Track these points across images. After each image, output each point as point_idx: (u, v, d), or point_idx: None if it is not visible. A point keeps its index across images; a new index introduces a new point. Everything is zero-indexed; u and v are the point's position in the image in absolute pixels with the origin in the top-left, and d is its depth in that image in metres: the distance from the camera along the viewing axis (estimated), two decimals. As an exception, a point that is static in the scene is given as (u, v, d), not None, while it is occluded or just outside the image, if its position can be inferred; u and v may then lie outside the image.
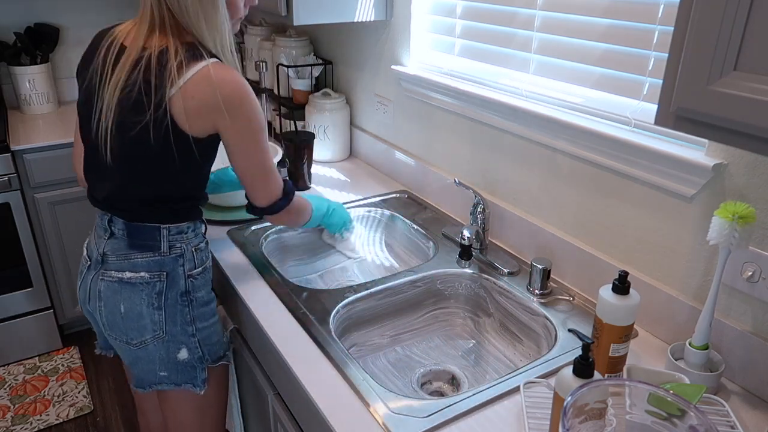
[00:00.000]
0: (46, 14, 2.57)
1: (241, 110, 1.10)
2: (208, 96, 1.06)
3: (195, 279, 1.21)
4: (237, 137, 1.13)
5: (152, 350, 1.20)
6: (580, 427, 0.78)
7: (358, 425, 0.93)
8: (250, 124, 1.12)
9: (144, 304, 1.17)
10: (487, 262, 1.40)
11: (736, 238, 0.91)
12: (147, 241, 1.17)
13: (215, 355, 1.28)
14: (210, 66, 1.07)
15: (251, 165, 1.17)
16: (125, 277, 1.17)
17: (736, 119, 0.61)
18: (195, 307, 1.22)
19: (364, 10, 1.71)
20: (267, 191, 1.22)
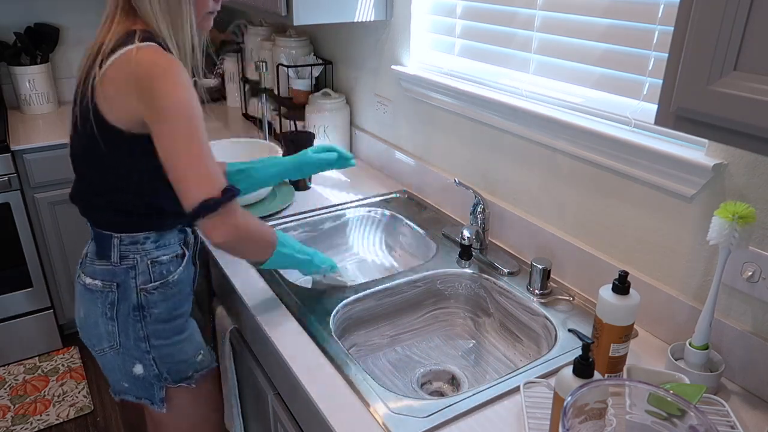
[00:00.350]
0: (46, 14, 2.57)
1: (153, 92, 0.97)
2: (123, 77, 0.98)
3: (150, 294, 1.15)
4: (153, 126, 0.99)
5: (111, 359, 1.18)
6: (580, 427, 0.78)
7: (358, 425, 0.93)
8: (168, 106, 0.97)
9: (99, 313, 1.15)
10: (487, 262, 1.40)
11: (736, 238, 0.91)
12: (103, 249, 1.14)
13: (178, 375, 1.22)
14: (136, 47, 0.99)
15: (171, 158, 0.99)
16: (86, 282, 1.16)
17: (736, 119, 0.61)
18: (149, 324, 1.16)
19: (364, 10, 1.71)
20: (194, 187, 0.98)
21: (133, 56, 0.98)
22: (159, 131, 0.99)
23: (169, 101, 0.97)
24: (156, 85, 0.97)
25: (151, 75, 0.97)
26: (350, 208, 1.69)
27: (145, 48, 0.99)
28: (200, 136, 0.99)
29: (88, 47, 1.11)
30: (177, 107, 0.97)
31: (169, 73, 0.98)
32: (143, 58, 0.98)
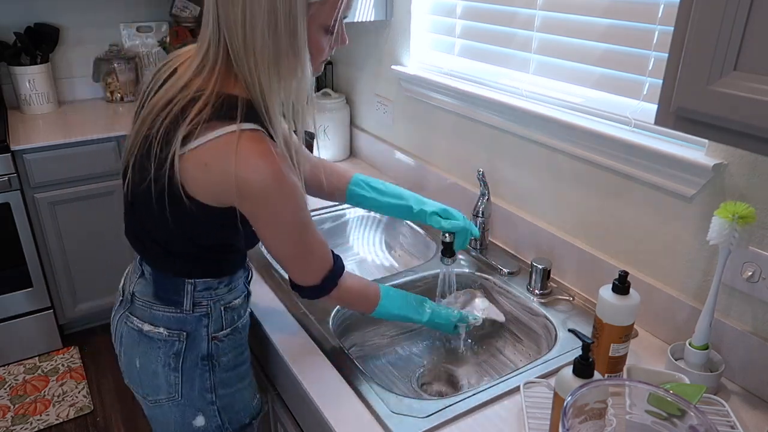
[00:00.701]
0: (46, 14, 2.57)
1: (262, 200, 0.89)
2: (219, 169, 0.86)
3: (221, 341, 1.05)
4: (260, 225, 0.94)
5: (167, 411, 1.07)
6: (580, 427, 0.78)
7: (358, 425, 0.93)
8: (277, 214, 0.91)
9: (160, 363, 1.03)
10: (487, 262, 1.40)
11: (736, 238, 0.91)
12: (170, 294, 1.02)
13: (238, 423, 1.12)
14: (239, 134, 0.85)
15: (278, 251, 0.99)
16: (144, 329, 1.03)
17: (736, 119, 0.61)
18: (218, 373, 1.06)
19: (364, 10, 1.71)
20: (299, 275, 1.02)
21: (234, 149, 0.85)
22: (266, 233, 0.95)
23: (281, 210, 0.91)
24: (268, 196, 0.88)
25: (262, 190, 0.87)
26: (350, 208, 1.69)
27: (248, 138, 0.86)
28: (307, 230, 0.97)
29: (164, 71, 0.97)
30: (289, 214, 0.92)
31: (280, 188, 0.88)
32: (247, 158, 0.85)
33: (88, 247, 2.41)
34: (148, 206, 0.92)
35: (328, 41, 0.93)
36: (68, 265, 2.40)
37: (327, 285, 1.03)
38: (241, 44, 0.85)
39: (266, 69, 0.86)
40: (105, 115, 2.53)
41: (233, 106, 0.87)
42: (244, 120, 0.86)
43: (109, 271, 2.49)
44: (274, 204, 0.89)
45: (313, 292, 1.03)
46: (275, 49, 0.85)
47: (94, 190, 2.34)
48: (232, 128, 0.85)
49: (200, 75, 0.90)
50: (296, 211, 0.93)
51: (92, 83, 2.73)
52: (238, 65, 0.87)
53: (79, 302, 2.49)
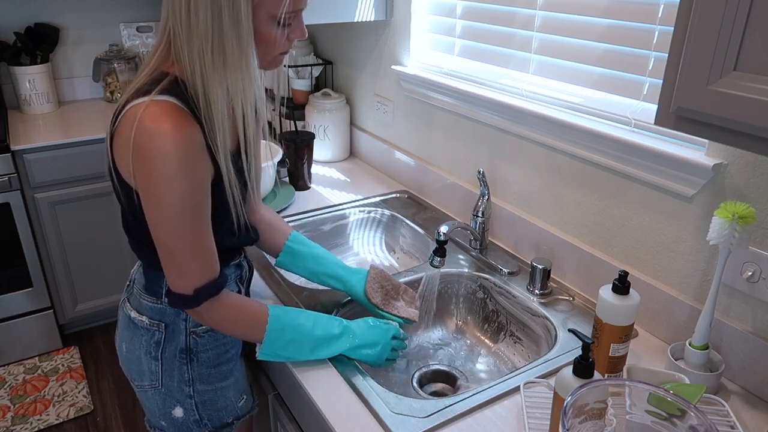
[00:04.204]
0: (46, 14, 2.57)
1: (148, 168, 0.85)
2: (125, 139, 0.86)
3: (199, 337, 1.05)
4: (143, 200, 0.89)
5: (150, 397, 1.10)
6: (580, 427, 0.78)
7: (358, 425, 0.93)
8: (158, 193, 0.86)
9: (142, 350, 1.06)
10: (487, 262, 1.40)
11: (736, 238, 0.91)
12: (153, 285, 1.03)
13: (219, 420, 1.12)
14: (147, 103, 0.85)
15: (157, 240, 0.91)
16: (132, 316, 1.06)
17: (736, 119, 0.61)
18: (196, 368, 1.07)
19: (364, 10, 1.71)
20: (171, 277, 0.93)
21: (138, 116, 0.84)
22: (145, 209, 0.89)
23: (164, 189, 0.85)
24: (151, 164, 0.84)
25: (150, 151, 0.84)
26: (350, 208, 1.69)
27: (154, 107, 0.84)
28: (192, 228, 0.89)
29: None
30: (171, 197, 0.86)
31: (169, 154, 0.83)
32: (144, 122, 0.84)
33: (88, 247, 2.41)
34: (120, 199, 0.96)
35: (280, 33, 0.90)
36: (68, 265, 2.40)
37: (197, 297, 0.93)
38: (185, 27, 0.85)
39: (210, 55, 0.85)
40: (105, 115, 2.53)
41: (158, 81, 0.87)
42: (161, 93, 0.86)
43: (109, 271, 2.49)
44: (161, 174, 0.84)
45: (179, 300, 0.94)
46: (219, 37, 0.84)
47: (94, 190, 2.34)
48: (143, 100, 0.85)
49: (149, 57, 0.92)
50: (185, 195, 0.86)
51: (92, 83, 2.73)
52: (179, 47, 0.87)
53: (79, 302, 2.49)
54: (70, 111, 2.58)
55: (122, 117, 0.87)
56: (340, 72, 2.13)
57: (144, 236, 0.96)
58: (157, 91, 0.86)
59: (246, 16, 0.85)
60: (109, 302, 2.54)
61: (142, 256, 1.04)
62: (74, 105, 2.67)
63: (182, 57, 0.87)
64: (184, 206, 0.87)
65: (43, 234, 2.31)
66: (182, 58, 0.87)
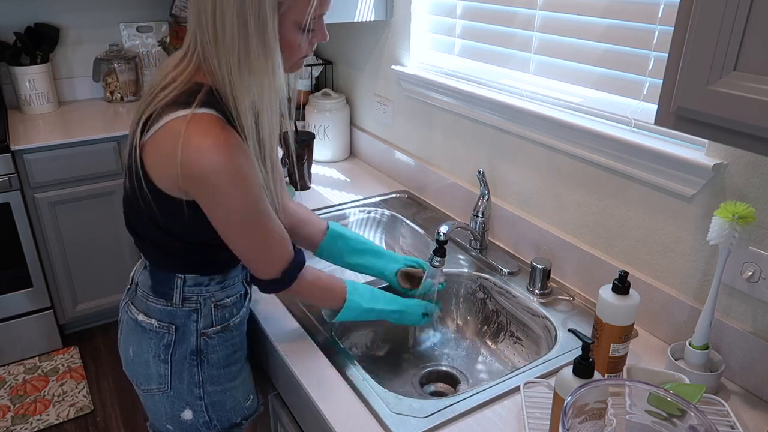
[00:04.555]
0: (46, 14, 2.57)
1: (206, 184, 0.87)
2: (168, 152, 0.86)
3: (210, 338, 1.05)
4: (210, 213, 0.92)
5: (158, 401, 1.09)
6: (580, 427, 0.78)
7: (358, 425, 0.93)
8: (224, 202, 0.89)
9: (151, 353, 1.05)
10: (487, 262, 1.40)
11: (736, 238, 0.91)
12: (162, 287, 1.03)
13: (228, 421, 1.13)
14: (191, 116, 0.86)
15: (232, 242, 0.96)
16: (139, 319, 1.05)
17: (736, 119, 0.61)
18: (206, 369, 1.07)
19: (364, 10, 1.71)
20: (256, 268, 1.00)
21: (183, 131, 0.84)
22: (213, 220, 0.92)
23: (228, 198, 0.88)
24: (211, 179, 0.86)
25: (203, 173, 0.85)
26: (350, 208, 1.69)
27: (197, 121, 0.85)
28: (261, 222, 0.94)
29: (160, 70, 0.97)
30: (236, 203, 0.89)
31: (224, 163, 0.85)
32: (190, 140, 0.84)
33: (88, 247, 2.41)
34: (133, 199, 0.96)
35: (303, 38, 0.92)
36: (68, 265, 2.40)
37: (286, 278, 1.02)
38: (212, 39, 0.86)
39: (237, 65, 0.87)
40: (105, 115, 2.53)
41: (195, 92, 0.88)
42: (201, 106, 0.87)
43: (109, 271, 2.49)
44: (219, 188, 0.87)
45: (272, 285, 1.02)
46: (245, 46, 0.86)
47: (94, 190, 2.34)
48: (185, 112, 0.86)
49: (179, 65, 0.92)
50: (245, 199, 0.90)
51: (92, 83, 2.73)
52: (207, 58, 0.89)
53: (79, 302, 2.49)
54: (70, 111, 2.58)
55: (161, 129, 0.87)
56: (340, 72, 2.13)
57: (155, 237, 0.98)
58: (197, 104, 0.87)
59: (272, 25, 0.86)
60: (109, 302, 2.53)
61: (150, 257, 1.04)
62: (74, 105, 2.67)
63: (213, 67, 0.89)
64: (248, 209, 0.91)
65: (43, 234, 2.31)
66: (213, 67, 0.89)
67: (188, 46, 0.92)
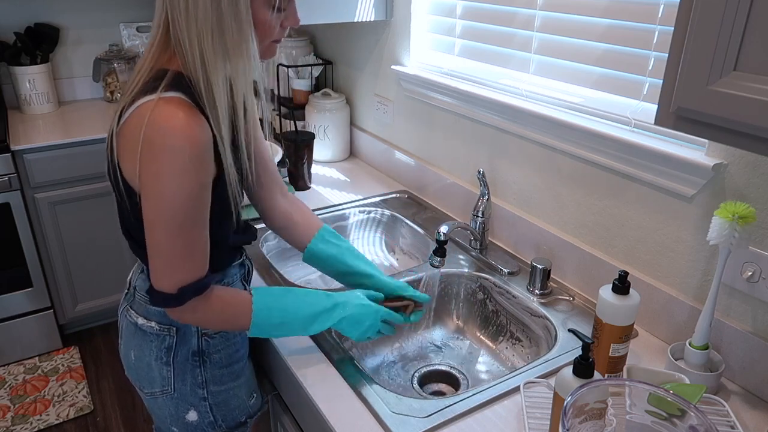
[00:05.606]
0: (46, 14, 2.57)
1: (156, 164, 0.83)
2: (135, 137, 0.84)
3: (211, 338, 1.05)
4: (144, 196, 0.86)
5: (162, 404, 1.08)
6: (580, 427, 0.78)
7: (357, 425, 0.93)
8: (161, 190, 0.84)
9: (153, 356, 1.04)
10: (487, 262, 1.40)
11: (736, 238, 0.91)
12: None
13: (233, 420, 1.12)
14: (157, 100, 0.84)
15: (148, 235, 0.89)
16: (139, 323, 1.04)
17: (736, 119, 0.61)
18: (209, 369, 1.06)
19: (364, 10, 1.71)
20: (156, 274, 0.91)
21: (147, 114, 0.83)
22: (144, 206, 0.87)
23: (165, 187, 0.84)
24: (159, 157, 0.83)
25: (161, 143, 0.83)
26: (350, 208, 1.69)
27: (164, 104, 0.84)
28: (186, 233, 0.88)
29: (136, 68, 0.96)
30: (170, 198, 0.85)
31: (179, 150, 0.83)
32: (156, 119, 0.83)
33: (88, 247, 2.41)
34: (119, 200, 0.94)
35: (275, 19, 0.91)
36: (68, 265, 2.40)
37: (179, 297, 0.91)
38: (183, 14, 0.84)
39: (211, 42, 0.85)
40: (105, 115, 2.53)
41: (161, 77, 0.86)
42: (168, 89, 0.85)
43: (109, 271, 2.49)
44: (168, 171, 0.83)
45: (165, 299, 0.91)
46: (218, 21, 0.84)
47: (94, 190, 2.34)
48: (152, 97, 0.84)
49: (146, 54, 0.91)
50: (191, 194, 0.86)
51: (92, 83, 2.73)
52: (179, 37, 0.86)
53: (79, 302, 2.49)
54: (70, 111, 2.58)
55: (129, 116, 0.86)
56: (340, 72, 2.13)
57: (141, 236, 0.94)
58: (164, 88, 0.85)
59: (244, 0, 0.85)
60: (109, 302, 2.54)
61: (142, 258, 1.02)
62: (74, 105, 2.67)
63: (183, 45, 0.86)
64: (186, 204, 0.86)
65: (43, 234, 2.31)
66: (183, 46, 0.86)
67: (155, 32, 0.90)
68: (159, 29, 0.89)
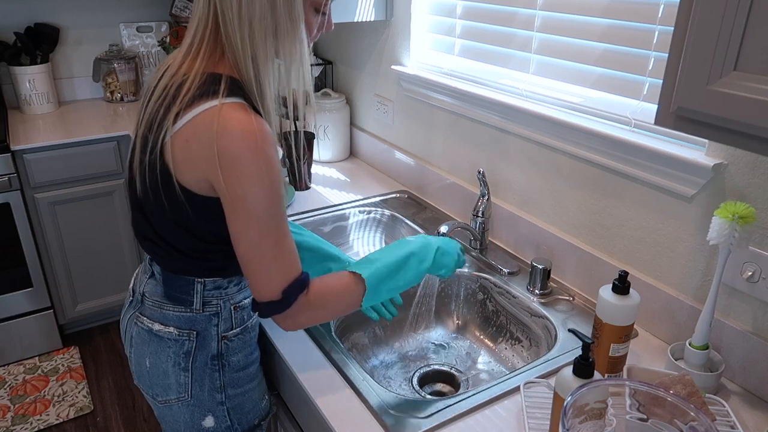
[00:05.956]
0: (46, 14, 2.57)
1: (237, 171, 0.83)
2: (204, 144, 0.84)
3: (230, 341, 1.04)
4: (229, 205, 0.87)
5: (177, 411, 1.06)
6: (580, 427, 0.78)
7: (357, 425, 0.93)
8: (249, 193, 0.85)
9: (170, 363, 1.02)
10: (487, 262, 1.40)
11: (736, 238, 0.91)
12: (180, 293, 1.00)
13: (247, 424, 1.12)
14: (221, 106, 0.83)
15: (242, 246, 0.89)
16: (154, 329, 1.02)
17: (736, 119, 0.61)
18: (227, 373, 1.05)
19: (364, 10, 1.71)
20: (257, 284, 0.91)
21: (216, 119, 0.82)
22: (232, 217, 0.87)
23: (254, 189, 0.84)
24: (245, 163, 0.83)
25: (243, 148, 0.82)
26: (350, 208, 1.69)
27: (229, 109, 0.83)
28: (277, 228, 0.88)
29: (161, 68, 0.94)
30: (261, 197, 0.85)
31: (259, 150, 0.83)
32: (230, 122, 0.82)
33: (88, 247, 2.41)
34: (152, 202, 0.93)
35: (317, 22, 0.91)
36: (68, 265, 2.40)
37: (285, 300, 0.91)
38: (236, 14, 0.83)
39: (264, 42, 0.85)
40: (105, 115, 2.53)
41: (217, 82, 0.85)
42: (227, 95, 0.85)
43: (109, 271, 2.49)
44: (251, 174, 0.83)
45: (273, 307, 0.91)
46: (273, 20, 0.84)
47: (94, 190, 2.34)
48: (213, 103, 0.84)
49: (187, 60, 0.89)
50: (274, 192, 0.86)
51: (92, 83, 2.73)
52: (230, 37, 0.85)
53: (79, 302, 2.49)
54: (70, 111, 2.58)
55: (189, 123, 0.84)
56: (340, 72, 2.13)
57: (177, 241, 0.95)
58: (224, 93, 0.84)
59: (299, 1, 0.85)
60: (109, 302, 2.54)
61: (167, 263, 1.00)
62: (74, 105, 2.67)
63: (234, 46, 0.85)
64: (272, 203, 0.86)
65: (43, 234, 2.31)
66: (234, 46, 0.85)
67: (194, 37, 0.89)
68: (207, 30, 0.87)
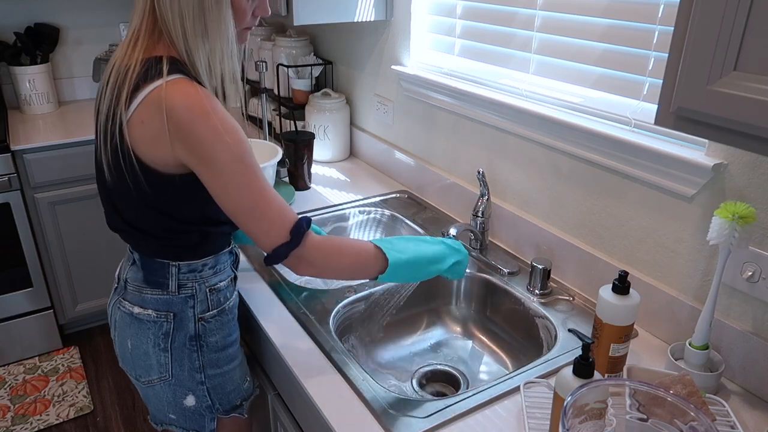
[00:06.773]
0: (46, 14, 2.57)
1: (196, 138, 0.88)
2: (157, 122, 0.89)
3: (207, 322, 1.08)
4: (204, 172, 0.91)
5: (159, 391, 1.11)
6: (580, 427, 0.78)
7: (357, 425, 0.93)
8: (215, 154, 0.89)
9: (150, 344, 1.07)
10: (487, 262, 1.40)
11: (736, 238, 0.91)
12: (156, 277, 1.05)
13: (228, 404, 1.16)
14: (164, 85, 0.89)
15: (230, 207, 0.94)
16: (134, 312, 1.07)
17: (736, 119, 0.61)
18: (205, 353, 1.10)
19: (364, 10, 1.72)
20: (263, 234, 0.95)
21: (164, 96, 0.88)
22: (212, 181, 0.92)
23: (218, 148, 0.89)
24: (198, 129, 0.88)
25: (191, 118, 0.88)
26: (350, 208, 1.69)
27: (174, 83, 0.89)
28: (256, 176, 0.92)
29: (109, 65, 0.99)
30: (227, 153, 0.89)
31: (209, 113, 0.88)
32: (175, 98, 0.88)
33: (88, 247, 2.41)
34: (121, 190, 0.98)
35: (249, 5, 0.98)
36: (68, 265, 2.40)
37: (294, 237, 0.94)
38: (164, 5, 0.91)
39: (192, 21, 0.91)
40: (105, 115, 2.52)
41: (158, 62, 0.91)
42: (170, 73, 0.90)
43: (109, 271, 2.49)
44: (211, 137, 0.88)
45: (284, 249, 0.95)
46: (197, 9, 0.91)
47: (94, 190, 2.34)
48: (158, 83, 0.89)
49: (128, 50, 0.95)
50: (241, 145, 0.91)
51: (92, 83, 2.73)
52: (163, 17, 0.92)
53: (79, 302, 2.49)
54: (70, 111, 2.58)
55: (141, 105, 0.90)
56: (340, 72, 2.13)
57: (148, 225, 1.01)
58: (167, 72, 0.90)
59: None
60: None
61: (141, 248, 1.06)
62: (74, 105, 2.67)
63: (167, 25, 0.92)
64: (242, 152, 0.91)
65: (43, 234, 2.31)
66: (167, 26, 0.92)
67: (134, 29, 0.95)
68: (144, 17, 0.94)
